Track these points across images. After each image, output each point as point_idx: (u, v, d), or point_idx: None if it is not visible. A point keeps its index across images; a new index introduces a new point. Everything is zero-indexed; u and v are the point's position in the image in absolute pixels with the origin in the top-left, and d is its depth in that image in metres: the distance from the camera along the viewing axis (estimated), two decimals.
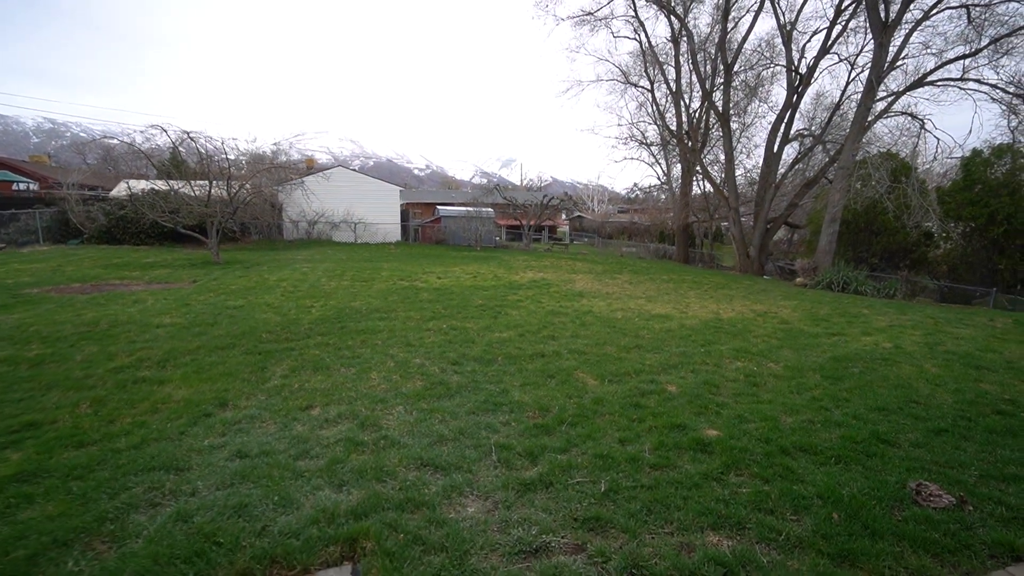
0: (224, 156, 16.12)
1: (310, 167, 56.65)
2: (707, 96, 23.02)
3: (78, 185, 24.18)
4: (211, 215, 16.45)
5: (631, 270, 19.38)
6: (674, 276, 17.94)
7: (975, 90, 17.69)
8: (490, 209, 29.46)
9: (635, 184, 33.80)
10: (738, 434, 4.04)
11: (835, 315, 9.63)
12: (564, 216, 75.98)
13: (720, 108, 22.11)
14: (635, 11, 23.14)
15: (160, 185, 18.60)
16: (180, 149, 16.60)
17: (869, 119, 16.26)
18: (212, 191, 16.69)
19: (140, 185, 23.77)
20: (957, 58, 16.35)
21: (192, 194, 17.27)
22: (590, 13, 22.84)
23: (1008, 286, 15.42)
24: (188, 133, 16.19)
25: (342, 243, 26.39)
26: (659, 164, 31.77)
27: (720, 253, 31.24)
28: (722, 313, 9.73)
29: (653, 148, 30.50)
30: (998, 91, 17.05)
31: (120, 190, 25.34)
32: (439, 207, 29.88)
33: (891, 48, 17.53)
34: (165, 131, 16.24)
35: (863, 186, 15.03)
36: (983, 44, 15.84)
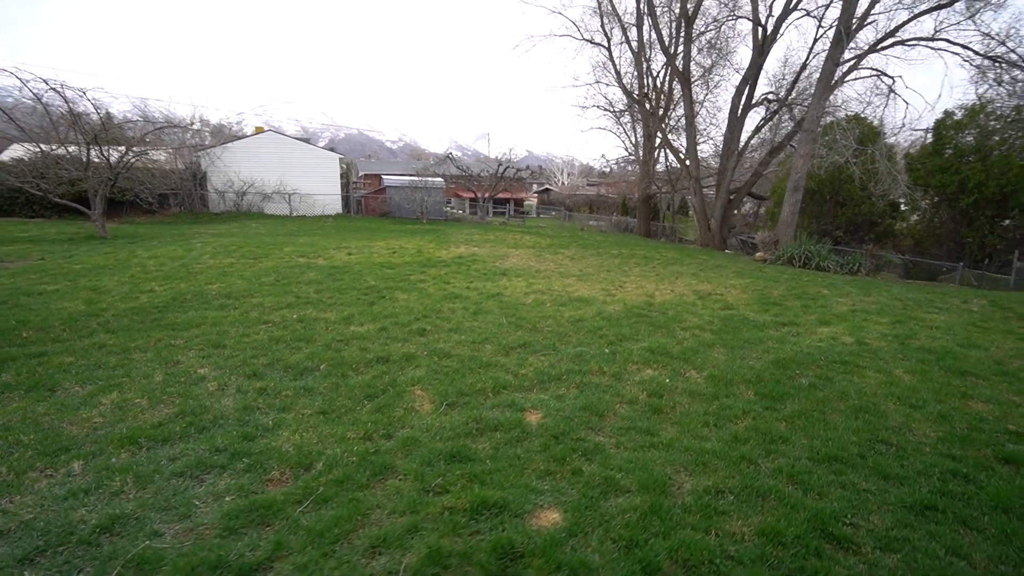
0: (95, 114, 13.45)
1: (259, 133, 52.63)
2: (668, 56, 21.03)
3: None
4: (84, 182, 13.92)
5: (581, 244, 17.70)
6: (624, 251, 16.33)
7: (944, 50, 16.28)
8: (439, 179, 27.19)
9: (603, 155, 31.76)
10: (586, 525, 2.34)
11: (790, 297, 8.10)
12: (534, 189, 73.95)
13: (680, 65, 20.19)
14: None
15: (31, 148, 15.78)
16: (44, 104, 13.82)
17: (836, 78, 14.63)
18: (92, 156, 14.10)
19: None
20: (930, 9, 14.75)
21: (70, 158, 14.65)
22: None
23: (975, 260, 14.33)
24: (49, 83, 13.46)
25: (275, 216, 23.90)
26: (627, 135, 29.82)
27: (684, 226, 29.81)
28: (658, 295, 8.09)
29: (621, 117, 28.50)
30: (968, 51, 15.66)
31: (11, 154, 22.14)
32: (384, 177, 27.42)
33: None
34: (22, 82, 13.51)
35: (829, 151, 13.52)
36: None
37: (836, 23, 16.33)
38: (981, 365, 4.74)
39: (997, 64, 15.27)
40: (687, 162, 21.84)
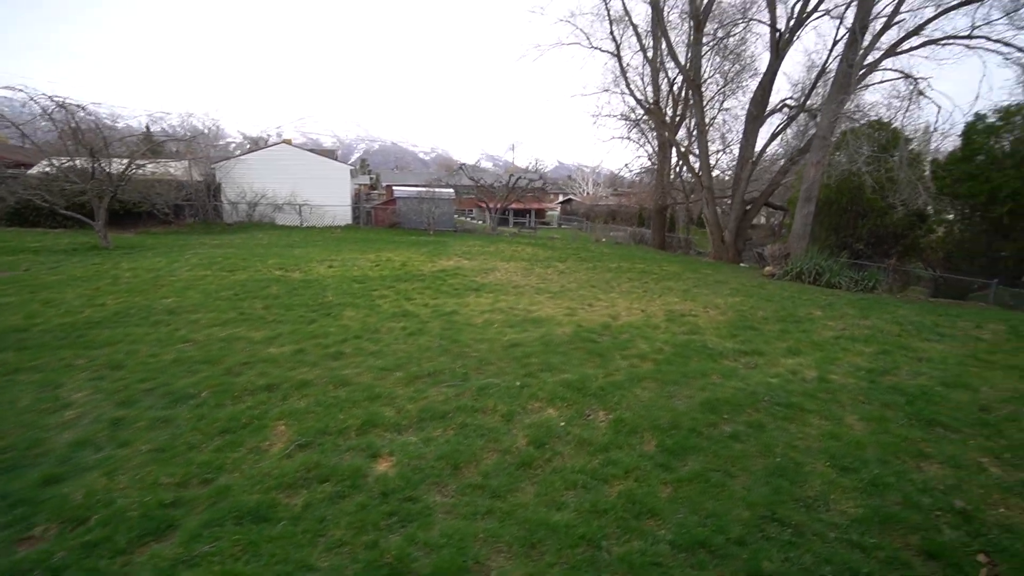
0: (95, 129, 13.84)
1: (274, 146, 54.41)
2: (677, 62, 20.25)
3: None
4: (82, 194, 14.32)
5: (580, 257, 17.05)
6: (624, 264, 15.60)
7: (984, 48, 14.93)
8: (449, 190, 27.08)
9: (626, 165, 30.99)
10: None
11: (773, 320, 7.30)
12: (559, 199, 73.39)
13: (689, 70, 19.38)
14: None
15: (47, 162, 16.43)
16: (53, 119, 14.36)
17: (853, 80, 13.57)
18: (95, 168, 14.52)
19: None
20: (960, 3, 13.55)
21: (76, 171, 15.15)
22: None
23: (1012, 277, 12.87)
24: (55, 100, 13.96)
25: (285, 226, 24.28)
26: (649, 143, 28.92)
27: (701, 238, 28.63)
28: (624, 316, 7.44)
29: (636, 126, 27.71)
30: (1013, 50, 14.30)
31: (41, 167, 23.32)
32: (395, 188, 27.51)
33: None
34: (32, 99, 14.08)
35: (848, 160, 12.45)
36: None
37: (853, 23, 15.34)
38: (959, 412, 3.94)
39: None
40: (699, 172, 20.91)
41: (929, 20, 13.75)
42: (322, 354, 5.50)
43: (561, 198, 72.74)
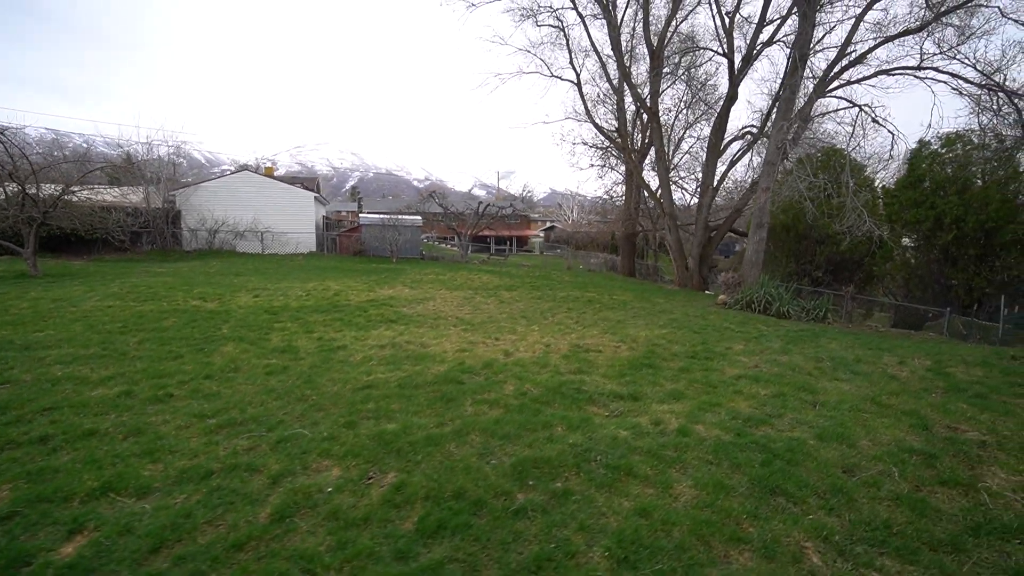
0: (18, 152, 13.38)
1: (269, 174, 54.52)
2: (633, 91, 20.27)
3: None
4: (6, 220, 13.78)
5: (535, 285, 16.57)
6: (575, 292, 15.13)
7: (934, 79, 14.98)
8: (416, 217, 26.78)
9: (607, 192, 30.97)
10: None
11: (682, 356, 6.74)
12: (543, 226, 73.65)
13: (647, 100, 19.37)
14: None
15: None
16: None
17: (798, 107, 13.44)
18: (20, 195, 14.02)
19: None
20: (900, 34, 13.59)
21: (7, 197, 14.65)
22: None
23: (964, 306, 12.45)
24: None
25: (245, 254, 23.76)
26: (616, 170, 28.88)
27: (668, 264, 28.31)
28: (524, 351, 6.87)
29: (608, 152, 27.71)
30: (958, 80, 14.34)
31: None
32: (361, 215, 27.15)
33: (830, 25, 14.87)
34: None
35: (788, 187, 12.17)
36: (930, 18, 13.09)
37: (813, 54, 15.37)
38: (816, 475, 3.35)
39: (992, 92, 13.88)
40: (660, 198, 20.71)
41: (870, 50, 13.75)
42: (149, 396, 4.89)
43: (546, 225, 73.11)
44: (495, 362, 6.18)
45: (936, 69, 14.71)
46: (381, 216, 25.65)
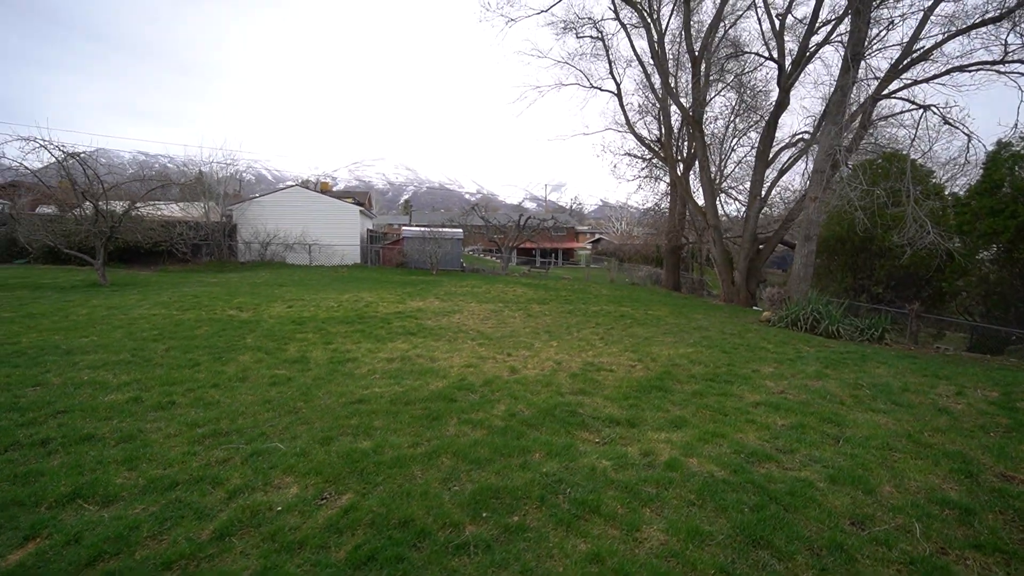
0: (92, 175, 14.70)
1: (325, 190, 57.35)
2: (674, 98, 19.60)
3: (30, 204, 24.14)
4: (78, 234, 15.17)
5: (567, 299, 16.23)
6: (609, 307, 14.64)
7: (1022, 73, 13.44)
8: (457, 230, 27.11)
9: (654, 203, 30.25)
10: None
11: (701, 378, 6.24)
12: (591, 238, 72.89)
13: (688, 107, 18.67)
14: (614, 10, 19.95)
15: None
16: (65, 167, 15.48)
17: (852, 110, 12.44)
18: (94, 211, 15.43)
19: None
20: (975, 25, 12.30)
21: (84, 215, 16.17)
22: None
23: None
24: (67, 151, 15.03)
25: (294, 265, 24.94)
26: (663, 181, 28.03)
27: (713, 278, 26.95)
28: (533, 368, 6.63)
29: (652, 162, 26.99)
30: None
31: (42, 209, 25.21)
32: (404, 228, 27.85)
33: (891, 21, 13.75)
34: (46, 148, 15.24)
35: (839, 195, 11.18)
36: (1013, 4, 11.79)
37: (873, 56, 14.28)
38: (815, 526, 2.88)
39: None
40: (704, 209, 19.80)
41: (938, 44, 12.55)
42: (155, 403, 5.08)
43: (594, 237, 72.24)
44: (497, 379, 5.97)
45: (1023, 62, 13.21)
46: (422, 229, 26.15)
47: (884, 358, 8.28)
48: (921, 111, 12.69)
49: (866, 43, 12.36)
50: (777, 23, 17.67)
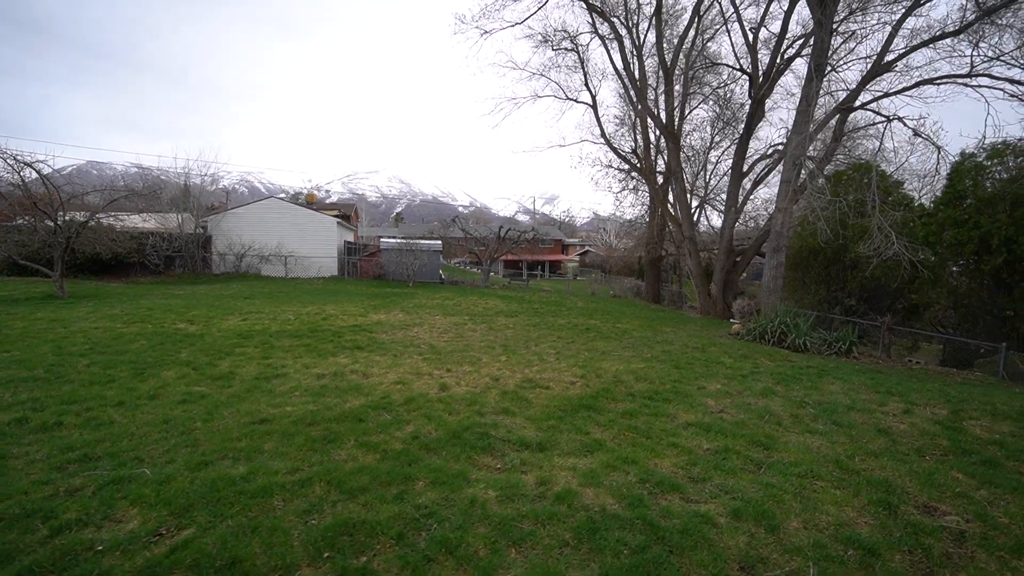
0: (45, 182, 14.28)
1: (311, 201, 56.82)
2: (647, 109, 19.57)
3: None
4: (33, 246, 14.74)
5: (537, 311, 15.93)
6: (579, 320, 14.36)
7: (989, 87, 13.48)
8: (436, 241, 26.84)
9: (634, 216, 30.13)
10: None
11: (640, 396, 5.93)
12: (579, 250, 72.92)
13: (663, 118, 18.62)
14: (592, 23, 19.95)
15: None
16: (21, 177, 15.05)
17: (819, 118, 12.35)
18: (48, 222, 15.00)
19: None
20: (935, 38, 12.32)
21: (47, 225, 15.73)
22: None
23: (1022, 340, 10.63)
24: (20, 159, 14.61)
25: (270, 277, 24.50)
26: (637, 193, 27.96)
27: (692, 290, 26.78)
28: (468, 385, 6.29)
29: (631, 174, 26.93)
30: (1017, 86, 12.80)
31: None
32: (382, 240, 27.54)
33: (862, 35, 13.77)
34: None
35: (805, 205, 11.05)
36: (971, 19, 11.82)
37: (846, 69, 14.27)
38: (700, 571, 2.55)
39: None
40: (680, 221, 19.66)
41: (899, 56, 12.55)
42: (39, 424, 4.70)
43: (583, 249, 72.30)
44: (422, 397, 5.62)
45: (991, 76, 13.25)
46: (399, 241, 25.84)
47: (843, 373, 8.01)
48: (887, 122, 12.63)
49: (832, 55, 12.34)
50: (751, 36, 17.75)
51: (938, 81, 14.05)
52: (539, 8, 18.75)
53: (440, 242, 27.08)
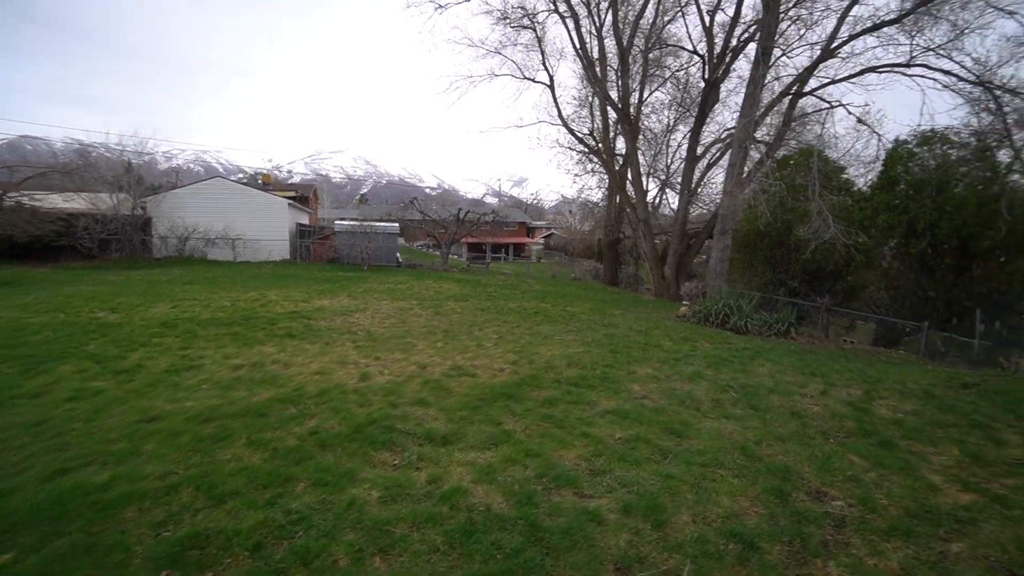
0: None
1: (267, 182, 54.45)
2: (602, 89, 19.37)
3: None
4: None
5: (490, 295, 15.75)
6: (530, 303, 14.24)
7: (924, 77, 13.90)
8: (392, 224, 26.14)
9: (600, 199, 30.02)
10: None
11: (566, 383, 5.84)
12: (545, 232, 72.93)
13: (617, 100, 18.48)
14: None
15: None
16: None
17: (766, 103, 12.47)
18: None
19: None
20: (874, 27, 12.55)
21: None
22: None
23: (943, 320, 11.24)
24: None
25: (216, 261, 23.33)
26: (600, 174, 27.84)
27: (648, 273, 27.18)
28: (390, 374, 6.04)
29: (590, 156, 26.77)
30: (950, 77, 13.22)
31: None
32: (336, 222, 26.61)
33: (812, 22, 13.90)
34: None
35: (757, 185, 11.21)
36: (908, 8, 12.06)
37: (796, 53, 14.38)
38: (571, 575, 2.43)
39: (987, 91, 12.73)
40: (634, 203, 19.74)
41: (842, 44, 12.74)
42: None
43: (548, 232, 72.34)
44: (337, 388, 5.35)
45: (927, 66, 13.66)
46: (353, 223, 25.02)
47: (776, 355, 8.17)
48: (829, 108, 12.87)
49: (781, 39, 12.41)
50: (708, 18, 17.70)
51: (880, 69, 14.40)
52: None
53: (397, 224, 26.39)
